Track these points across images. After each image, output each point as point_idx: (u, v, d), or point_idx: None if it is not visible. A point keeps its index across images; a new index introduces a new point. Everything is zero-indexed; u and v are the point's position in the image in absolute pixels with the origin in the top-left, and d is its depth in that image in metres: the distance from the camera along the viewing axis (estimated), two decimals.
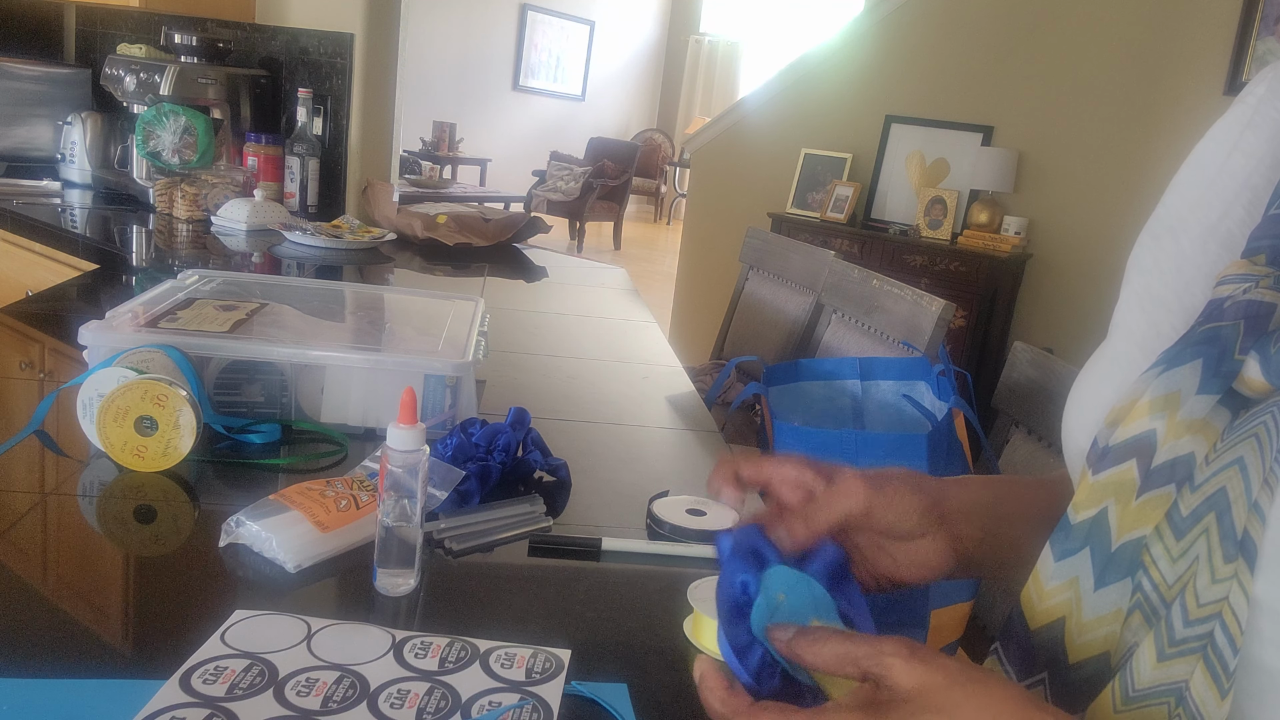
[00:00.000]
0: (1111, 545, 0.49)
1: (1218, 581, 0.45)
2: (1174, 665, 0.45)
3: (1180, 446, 0.48)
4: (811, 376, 1.70)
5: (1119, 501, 0.49)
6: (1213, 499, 0.46)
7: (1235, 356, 0.48)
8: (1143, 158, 3.49)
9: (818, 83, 4.32)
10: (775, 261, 2.59)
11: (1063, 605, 0.50)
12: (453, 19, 9.03)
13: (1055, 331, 3.78)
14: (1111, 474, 0.50)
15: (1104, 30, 3.61)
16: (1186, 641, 0.45)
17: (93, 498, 0.94)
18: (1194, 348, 0.49)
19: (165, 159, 2.47)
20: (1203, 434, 0.47)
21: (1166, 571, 0.47)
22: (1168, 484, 0.48)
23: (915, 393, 1.61)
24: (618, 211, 8.88)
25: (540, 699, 0.67)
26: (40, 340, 1.42)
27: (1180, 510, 0.47)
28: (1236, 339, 0.48)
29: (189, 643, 0.69)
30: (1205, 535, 0.46)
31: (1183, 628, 0.46)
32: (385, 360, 1.12)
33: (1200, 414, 0.48)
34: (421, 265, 2.24)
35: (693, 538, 0.96)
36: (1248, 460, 0.45)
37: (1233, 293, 0.50)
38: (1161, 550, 0.47)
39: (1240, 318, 0.48)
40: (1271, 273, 0.49)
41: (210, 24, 2.71)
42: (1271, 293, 0.48)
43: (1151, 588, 0.47)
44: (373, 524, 0.81)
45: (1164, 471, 0.48)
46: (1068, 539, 0.51)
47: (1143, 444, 0.49)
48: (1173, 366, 0.49)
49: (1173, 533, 0.47)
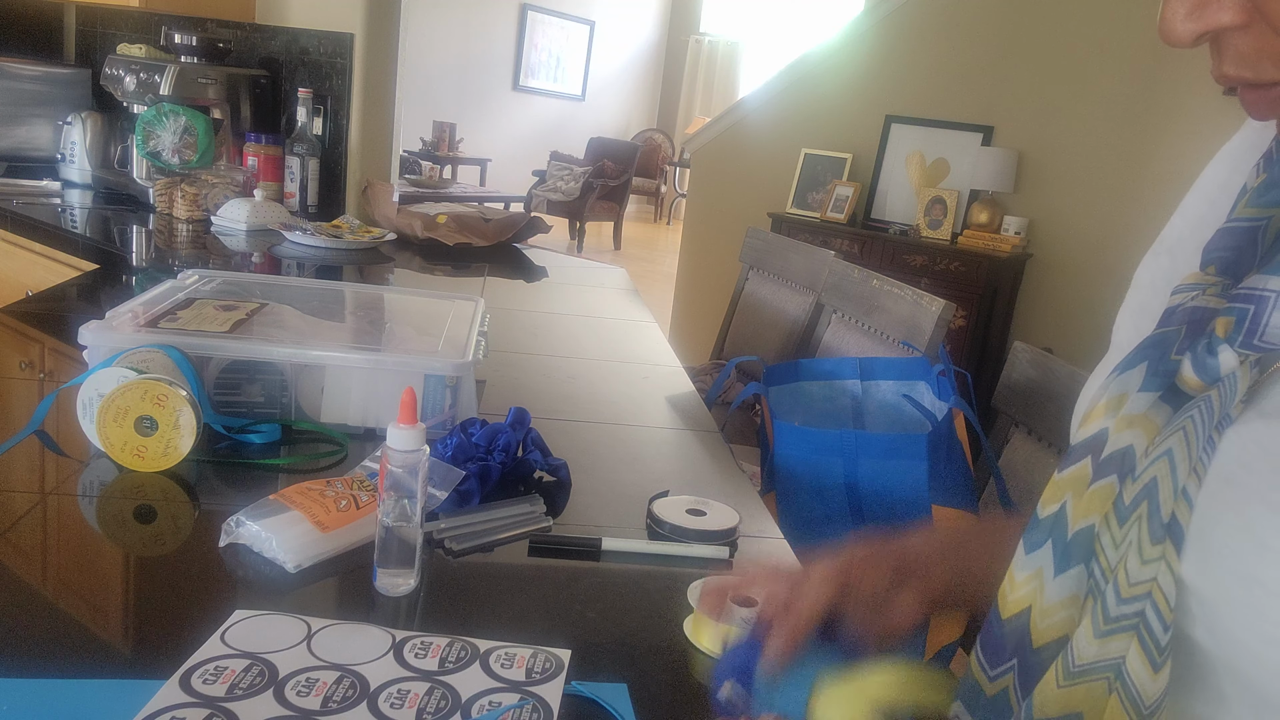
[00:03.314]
0: (1068, 534, 0.52)
1: (1146, 562, 0.48)
2: (1110, 642, 0.49)
3: (1121, 440, 0.51)
4: (811, 376, 1.70)
5: (1075, 494, 0.53)
6: (1148, 488, 0.49)
7: (1173, 357, 0.51)
8: (1143, 158, 3.48)
9: (818, 83, 4.32)
10: (775, 261, 2.59)
11: (1029, 595, 0.53)
12: (453, 19, 9.03)
13: (1055, 331, 3.77)
14: (1071, 470, 0.54)
15: (1104, 30, 3.61)
16: (1121, 619, 0.49)
17: (93, 498, 0.94)
18: (1142, 351, 0.53)
19: (165, 159, 2.47)
20: (1142, 428, 0.51)
21: (1111, 557, 0.50)
22: (1111, 475, 0.51)
23: (915, 393, 1.61)
24: (618, 211, 8.87)
25: (540, 699, 0.67)
26: (40, 340, 1.42)
27: (1123, 499, 0.50)
28: (1177, 341, 0.52)
29: (189, 643, 0.69)
30: (1139, 521, 0.49)
31: (1116, 605, 0.49)
32: (385, 360, 1.12)
33: (1140, 409, 0.51)
34: (421, 265, 2.24)
35: (693, 538, 0.96)
36: (1175, 451, 0.49)
37: (1183, 300, 0.54)
38: (1109, 538, 0.51)
39: (1184, 322, 0.52)
40: (1219, 281, 0.53)
41: (210, 24, 2.71)
42: (1215, 299, 0.52)
43: (1100, 573, 0.51)
44: (373, 524, 0.81)
45: (1110, 463, 0.52)
46: (1035, 533, 0.54)
47: (1096, 441, 0.53)
48: (1124, 370, 0.54)
49: (1116, 520, 0.50)
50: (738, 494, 1.10)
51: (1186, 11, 0.46)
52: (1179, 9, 0.46)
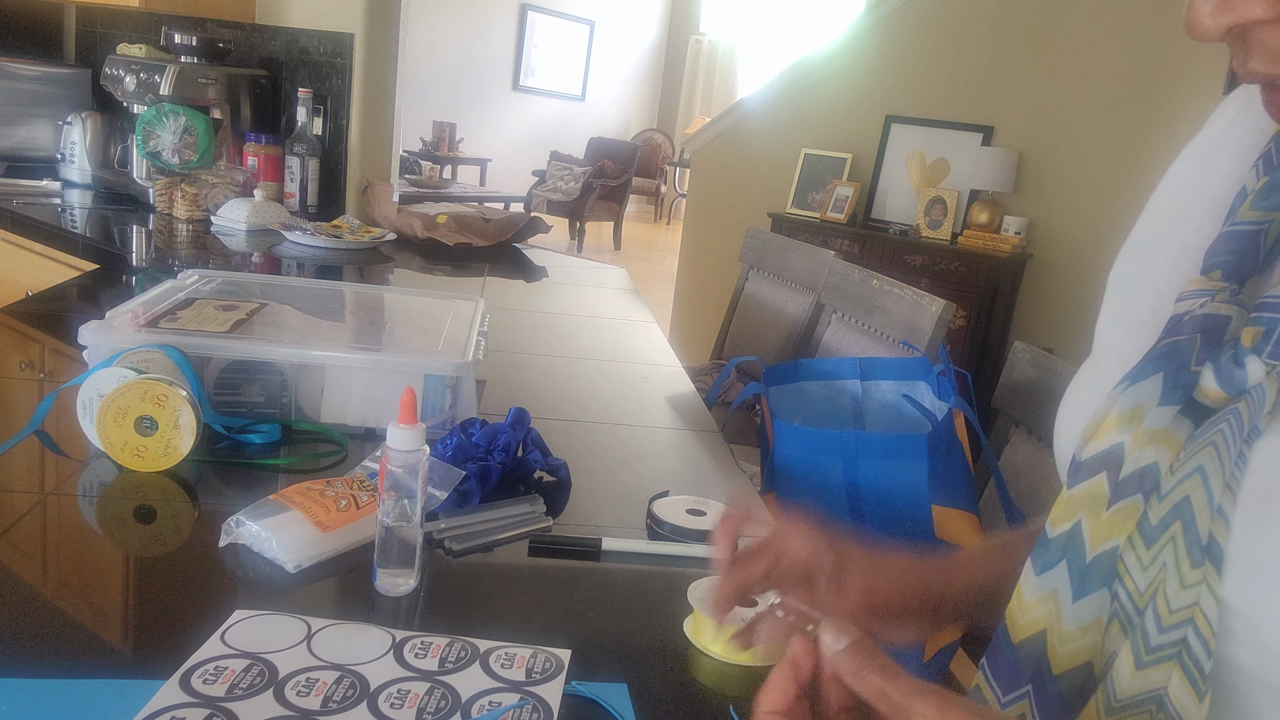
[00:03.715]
0: (1087, 556, 0.50)
1: (1187, 587, 0.46)
2: (1152, 673, 0.47)
3: (1144, 457, 0.49)
4: (811, 376, 1.70)
5: (1091, 513, 0.51)
6: (1179, 507, 0.47)
7: (1192, 368, 0.49)
8: (1143, 158, 3.48)
9: (818, 83, 4.32)
10: (775, 261, 2.59)
11: (1044, 618, 0.51)
12: (453, 19, 9.03)
13: (1055, 331, 3.77)
14: (1084, 487, 0.51)
15: (1104, 30, 3.61)
16: (1162, 649, 0.46)
17: (93, 498, 0.94)
18: (1154, 362, 0.51)
19: (165, 159, 2.46)
20: (1165, 444, 0.49)
21: (1139, 579, 0.48)
22: (1135, 494, 0.49)
23: (915, 393, 1.61)
24: (618, 211, 8.87)
25: (540, 699, 0.67)
26: (40, 340, 1.42)
27: (1150, 519, 0.48)
28: (1193, 351, 0.50)
29: (189, 643, 0.69)
30: (1173, 543, 0.47)
31: (1157, 634, 0.47)
32: (385, 360, 1.12)
33: (1162, 424, 0.49)
34: (421, 265, 2.24)
35: (693, 538, 0.96)
36: (1208, 468, 0.47)
37: (1190, 308, 0.52)
38: (1134, 559, 0.49)
39: (1197, 331, 0.50)
40: (1226, 287, 0.51)
41: (210, 24, 2.71)
42: (1227, 306, 0.50)
43: (1126, 596, 0.49)
44: (373, 524, 0.81)
45: (1132, 482, 0.49)
46: (1046, 552, 0.52)
47: (1111, 457, 0.51)
48: (1136, 381, 0.51)
49: (1143, 541, 0.48)
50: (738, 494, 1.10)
51: (1215, 5, 0.44)
52: (1206, 2, 0.44)
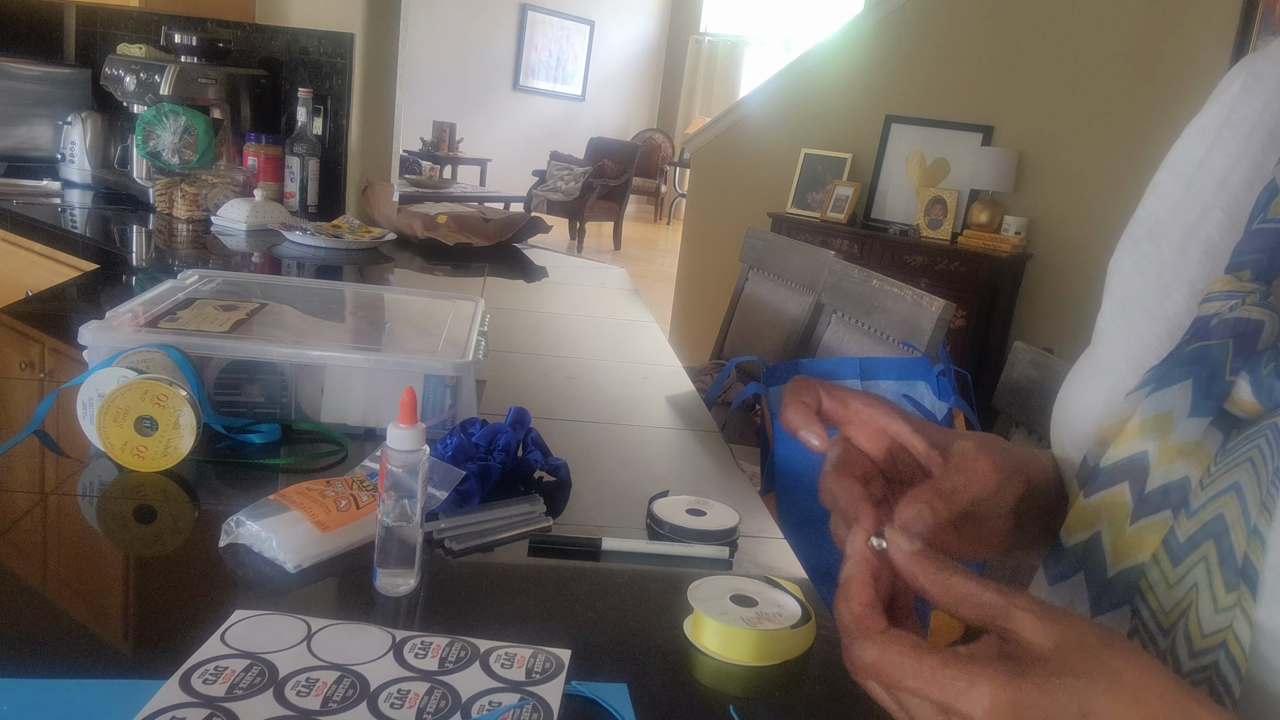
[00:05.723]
0: (1108, 571, 0.48)
1: (1221, 610, 0.44)
2: None
3: (1174, 471, 0.47)
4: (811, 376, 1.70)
5: (1112, 525, 0.48)
6: (1210, 525, 0.45)
7: (1226, 378, 0.47)
8: (1143, 158, 3.48)
9: (818, 83, 4.32)
10: (775, 261, 2.59)
11: None
12: (453, 19, 9.03)
13: (1055, 331, 3.77)
14: (1103, 496, 0.49)
15: (1104, 30, 3.61)
16: (1193, 674, 0.44)
17: (93, 498, 0.94)
18: (1183, 367, 0.49)
19: (165, 159, 2.46)
20: (1195, 457, 0.47)
21: (1164, 598, 0.46)
22: (1163, 510, 0.47)
23: (915, 393, 1.61)
24: (618, 211, 8.87)
25: (540, 699, 0.67)
26: (40, 340, 1.42)
27: (1177, 537, 0.46)
28: (1226, 359, 0.47)
29: (189, 643, 0.69)
30: (1204, 562, 0.45)
31: (1189, 660, 0.45)
32: (385, 360, 1.12)
33: (1193, 437, 0.47)
34: (421, 265, 2.24)
35: (693, 538, 0.96)
36: (1244, 485, 0.44)
37: (1219, 310, 0.49)
38: (1159, 576, 0.47)
39: (1228, 336, 0.48)
40: (1257, 289, 0.49)
41: (210, 24, 2.71)
42: (1258, 310, 0.48)
43: (1149, 615, 0.47)
44: (373, 524, 0.81)
45: (1159, 496, 0.47)
46: (1060, 562, 0.50)
47: (1135, 467, 0.48)
48: (1162, 386, 0.49)
49: (1170, 559, 0.46)
50: (738, 494, 1.10)
51: None
52: None
